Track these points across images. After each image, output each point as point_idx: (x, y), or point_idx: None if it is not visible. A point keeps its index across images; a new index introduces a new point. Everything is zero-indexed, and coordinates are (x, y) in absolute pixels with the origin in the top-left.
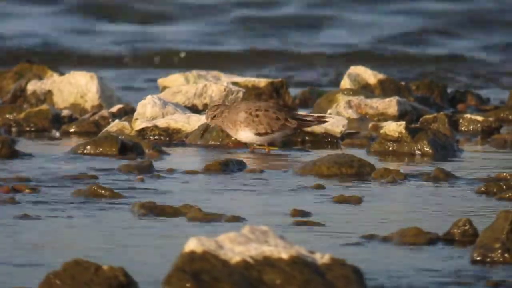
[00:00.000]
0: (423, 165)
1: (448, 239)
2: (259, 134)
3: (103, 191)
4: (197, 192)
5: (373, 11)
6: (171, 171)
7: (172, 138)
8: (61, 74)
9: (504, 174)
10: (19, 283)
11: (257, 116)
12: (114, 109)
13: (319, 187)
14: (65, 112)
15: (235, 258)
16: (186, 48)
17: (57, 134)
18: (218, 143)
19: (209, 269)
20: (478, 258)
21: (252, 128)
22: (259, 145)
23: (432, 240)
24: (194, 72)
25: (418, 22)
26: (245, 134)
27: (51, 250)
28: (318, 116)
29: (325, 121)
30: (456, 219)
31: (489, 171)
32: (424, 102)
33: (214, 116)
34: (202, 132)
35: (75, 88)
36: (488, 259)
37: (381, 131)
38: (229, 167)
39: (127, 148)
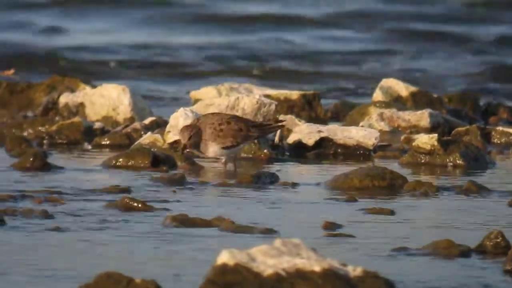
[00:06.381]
0: (455, 177)
1: (480, 251)
2: (226, 147)
3: (135, 204)
4: (229, 205)
5: None
6: (203, 183)
7: None
8: (93, 86)
9: None
10: None
11: (221, 130)
12: (147, 121)
13: (351, 199)
14: (97, 125)
15: (267, 271)
16: None
17: (89, 146)
18: (251, 156)
19: (241, 281)
20: (511, 270)
21: (218, 143)
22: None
23: (464, 252)
24: (226, 85)
25: None
26: (212, 149)
27: (83, 262)
28: (275, 121)
29: (283, 125)
30: (488, 231)
31: None
32: (456, 114)
33: (186, 146)
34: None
35: (107, 100)
36: None
37: (413, 143)
38: (261, 180)
39: (159, 160)
